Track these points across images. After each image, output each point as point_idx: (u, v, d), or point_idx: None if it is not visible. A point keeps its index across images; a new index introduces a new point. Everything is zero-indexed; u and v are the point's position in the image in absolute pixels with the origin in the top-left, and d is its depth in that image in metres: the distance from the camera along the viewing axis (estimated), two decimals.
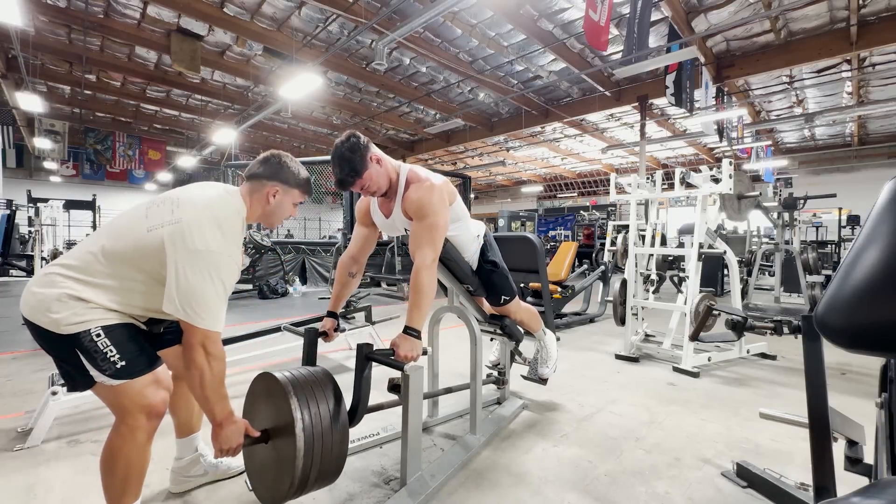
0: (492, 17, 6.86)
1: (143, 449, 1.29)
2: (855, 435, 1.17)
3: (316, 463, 1.23)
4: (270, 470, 1.32)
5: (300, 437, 1.21)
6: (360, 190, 1.61)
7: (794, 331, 1.67)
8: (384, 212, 1.77)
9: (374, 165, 1.58)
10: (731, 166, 3.19)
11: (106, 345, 1.22)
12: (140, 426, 1.27)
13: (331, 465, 1.28)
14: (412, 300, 1.53)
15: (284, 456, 1.25)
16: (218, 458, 1.28)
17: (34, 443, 1.95)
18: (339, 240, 8.10)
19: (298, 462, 1.20)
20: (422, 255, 1.54)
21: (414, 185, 1.64)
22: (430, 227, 1.58)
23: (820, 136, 13.91)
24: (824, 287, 4.76)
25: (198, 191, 1.35)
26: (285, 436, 1.26)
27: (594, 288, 5.57)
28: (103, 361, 1.22)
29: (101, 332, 1.22)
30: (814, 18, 6.76)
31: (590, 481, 1.73)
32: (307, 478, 1.23)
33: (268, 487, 1.33)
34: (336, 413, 1.32)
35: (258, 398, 1.43)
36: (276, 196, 1.42)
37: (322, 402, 1.29)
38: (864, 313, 0.52)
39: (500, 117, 12.39)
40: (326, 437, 1.26)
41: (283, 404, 1.27)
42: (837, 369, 3.28)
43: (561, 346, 3.92)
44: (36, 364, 3.18)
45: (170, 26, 7.44)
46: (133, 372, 1.26)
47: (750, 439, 2.11)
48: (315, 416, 1.26)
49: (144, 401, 1.28)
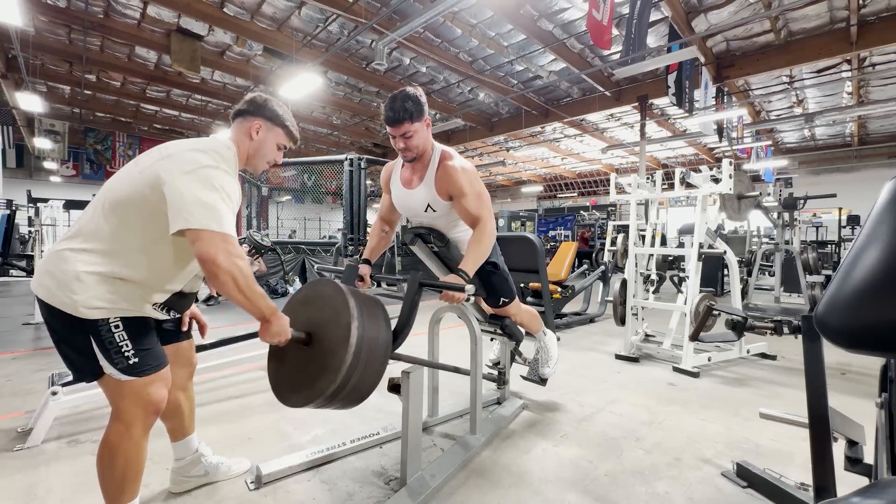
0: (492, 17, 6.86)
1: (139, 445, 1.28)
2: (855, 435, 1.17)
3: (358, 371, 1.21)
4: (304, 371, 1.28)
5: (354, 337, 1.19)
6: (401, 136, 1.63)
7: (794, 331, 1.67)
8: (406, 184, 1.80)
9: (423, 125, 1.66)
10: (731, 166, 3.19)
11: (123, 338, 1.22)
12: (137, 422, 1.27)
13: (369, 378, 1.26)
14: (471, 251, 1.65)
15: (327, 357, 1.23)
16: (268, 340, 1.25)
17: (34, 443, 1.95)
18: (339, 240, 8.10)
19: (346, 362, 1.17)
20: (483, 219, 1.69)
21: (450, 161, 1.71)
22: (478, 194, 1.71)
23: (820, 136, 13.91)
24: (824, 287, 4.76)
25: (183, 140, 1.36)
26: (333, 338, 1.24)
27: (594, 288, 5.57)
28: (117, 354, 1.22)
29: (121, 323, 1.22)
30: (814, 18, 6.76)
31: (590, 481, 1.73)
32: (346, 383, 1.19)
33: (294, 389, 1.28)
34: (385, 331, 1.31)
35: (309, 301, 1.39)
36: (259, 133, 1.41)
37: (371, 321, 1.28)
38: (864, 313, 0.52)
39: (500, 117, 12.39)
40: (373, 349, 1.25)
41: (341, 308, 1.25)
42: (837, 369, 3.28)
43: (561, 346, 3.92)
44: (36, 364, 3.19)
45: (170, 26, 7.44)
46: (144, 369, 1.26)
47: (750, 439, 2.11)
48: (369, 331, 1.25)
49: (147, 398, 1.27)
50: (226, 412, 2.37)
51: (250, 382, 2.80)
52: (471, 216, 1.70)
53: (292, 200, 18.70)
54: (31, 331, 4.29)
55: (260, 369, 3.04)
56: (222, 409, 2.41)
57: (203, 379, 2.82)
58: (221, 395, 2.60)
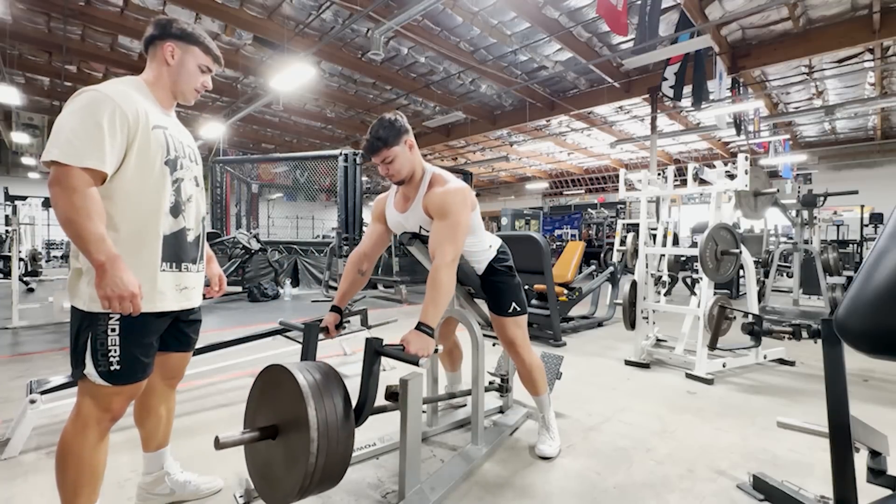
0: (494, 5, 6.86)
1: (94, 448, 1.30)
2: (878, 445, 1.17)
3: (322, 463, 1.23)
4: (278, 468, 1.31)
5: (314, 433, 1.20)
6: (381, 162, 1.68)
7: (813, 335, 1.67)
8: (400, 209, 1.84)
9: (404, 148, 1.69)
10: (747, 161, 3.19)
11: (115, 343, 1.25)
12: (93, 424, 1.29)
13: (336, 466, 1.28)
14: (428, 297, 1.56)
15: (295, 453, 1.25)
16: (105, 307, 1.18)
17: (12, 454, 1.95)
18: (333, 239, 8.10)
19: (311, 459, 1.19)
20: (442, 253, 1.59)
21: (438, 185, 1.73)
22: (453, 225, 1.64)
23: (841, 129, 13.91)
24: (845, 289, 4.75)
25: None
26: (296, 432, 1.25)
27: (603, 290, 5.57)
28: (102, 356, 1.24)
29: (119, 324, 1.25)
30: (834, 5, 6.76)
31: (598, 494, 1.73)
32: (314, 478, 1.22)
33: (272, 487, 1.32)
34: (345, 411, 1.31)
35: (267, 390, 1.41)
36: (174, 55, 1.38)
37: (329, 400, 1.29)
38: (887, 317, 0.52)
39: (504, 110, 12.40)
40: (333, 436, 1.25)
41: (296, 399, 1.26)
42: (859, 376, 3.28)
43: (567, 352, 3.93)
44: (14, 371, 3.19)
45: (155, 14, 7.45)
46: (121, 380, 1.28)
47: (767, 450, 2.11)
48: (329, 413, 1.26)
49: (109, 405, 1.30)
50: (214, 421, 2.37)
51: (239, 390, 2.80)
52: (433, 242, 1.64)
53: (284, 198, 18.73)
54: (9, 335, 4.29)
55: (250, 376, 3.04)
56: (210, 417, 2.41)
57: (190, 386, 2.83)
58: (209, 404, 2.60)
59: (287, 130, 14.75)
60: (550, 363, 2.58)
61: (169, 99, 1.42)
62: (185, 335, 1.54)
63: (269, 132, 15.09)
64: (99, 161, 1.17)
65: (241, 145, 16.84)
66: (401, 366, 3.29)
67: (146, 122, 1.28)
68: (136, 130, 1.25)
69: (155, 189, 1.31)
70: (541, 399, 2.11)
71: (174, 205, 1.36)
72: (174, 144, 1.37)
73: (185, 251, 1.41)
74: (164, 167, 1.33)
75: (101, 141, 1.17)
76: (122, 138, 1.23)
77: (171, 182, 1.35)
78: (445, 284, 1.56)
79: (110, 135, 1.19)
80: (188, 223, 1.42)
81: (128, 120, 1.23)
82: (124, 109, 1.22)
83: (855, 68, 8.86)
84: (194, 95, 1.47)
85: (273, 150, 17.04)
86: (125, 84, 1.31)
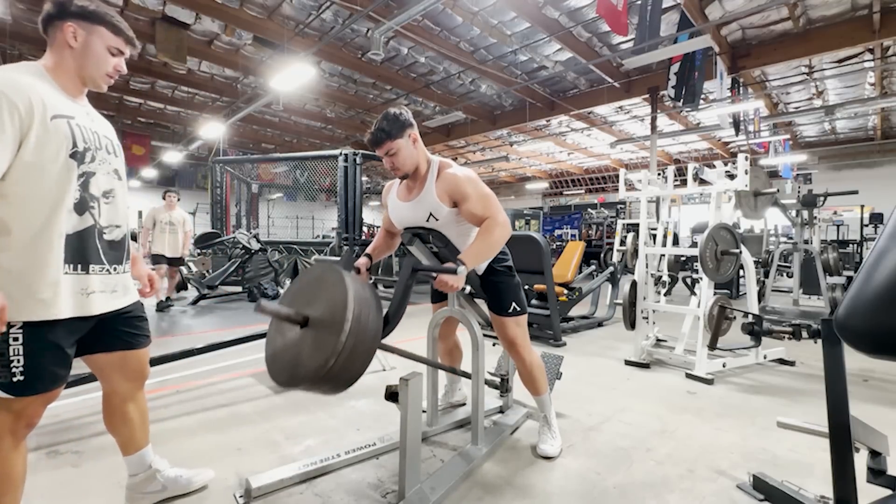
0: (494, 5, 6.86)
1: (7, 457, 1.22)
2: (878, 445, 1.17)
3: (351, 346, 1.24)
4: (304, 351, 1.32)
5: (350, 314, 1.22)
6: (385, 154, 1.73)
7: (813, 335, 1.67)
8: (403, 198, 1.86)
9: (408, 141, 1.74)
10: (747, 161, 3.19)
11: (18, 352, 1.15)
12: (6, 434, 1.21)
13: (359, 360, 1.28)
14: (477, 243, 1.66)
15: (324, 337, 1.26)
16: None
17: None
18: (333, 239, 8.10)
19: (342, 338, 1.20)
20: (493, 216, 1.70)
21: (449, 169, 1.78)
22: (483, 196, 1.72)
23: (841, 129, 13.91)
24: (845, 289, 4.76)
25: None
26: (330, 321, 1.27)
27: (603, 290, 5.57)
28: (3, 368, 1.15)
29: (21, 333, 1.15)
30: (834, 5, 6.76)
31: (598, 494, 1.73)
32: (339, 359, 1.22)
33: (287, 369, 1.33)
34: (377, 314, 1.34)
35: (311, 283, 1.44)
36: (76, 37, 1.24)
37: (366, 301, 1.31)
38: (887, 317, 0.52)
39: (504, 110, 12.40)
40: (364, 328, 1.27)
41: (339, 288, 1.29)
42: (859, 376, 3.28)
43: (567, 352, 3.93)
44: None
45: (154, 14, 7.44)
46: (28, 391, 1.19)
47: (767, 450, 2.11)
48: (364, 308, 1.28)
49: (21, 416, 1.22)
50: (213, 421, 2.37)
51: (239, 390, 2.80)
52: (478, 217, 1.72)
53: (284, 198, 18.72)
54: None
55: (249, 376, 3.04)
56: (210, 417, 2.41)
57: (190, 386, 2.83)
58: (209, 404, 2.60)
59: (287, 130, 14.75)
60: (550, 363, 2.58)
61: (76, 85, 1.30)
62: (126, 332, 1.43)
63: (269, 132, 15.09)
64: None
65: (241, 145, 16.83)
66: (401, 366, 3.29)
67: (43, 111, 1.15)
68: (29, 122, 1.13)
69: (56, 184, 1.18)
70: (541, 398, 2.11)
71: (79, 201, 1.24)
72: (83, 135, 1.25)
73: (92, 252, 1.28)
74: (69, 160, 1.20)
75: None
76: (13, 131, 1.10)
77: (76, 176, 1.22)
78: (496, 242, 1.67)
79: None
80: (101, 221, 1.30)
81: (17, 110, 1.10)
82: (13, 99, 1.10)
83: (855, 68, 8.86)
84: (106, 81, 1.34)
85: (273, 150, 17.04)
86: (17, 71, 1.19)
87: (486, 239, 1.66)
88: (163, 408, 2.51)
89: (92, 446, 2.02)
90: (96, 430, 2.13)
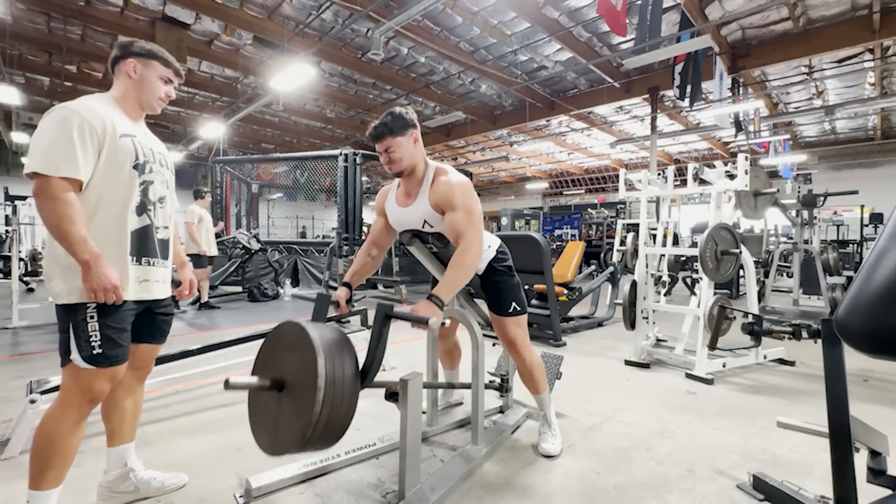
0: (494, 5, 6.86)
1: (70, 431, 1.37)
2: (878, 445, 1.17)
3: (327, 415, 1.24)
4: (282, 418, 1.32)
5: (321, 382, 1.21)
6: (383, 151, 1.73)
7: (813, 335, 1.67)
8: (401, 203, 1.85)
9: (409, 140, 1.74)
10: (747, 161, 3.19)
11: (95, 328, 1.35)
12: (73, 408, 1.37)
13: (339, 422, 1.29)
14: (449, 275, 1.59)
15: (300, 404, 1.26)
16: (91, 299, 1.32)
17: (12, 454, 1.95)
18: (333, 240, 8.10)
19: (317, 408, 1.20)
20: (467, 240, 1.64)
21: (444, 177, 1.76)
22: (469, 212, 1.69)
23: (841, 129, 13.92)
24: (845, 289, 4.75)
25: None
26: (304, 384, 1.26)
27: (603, 290, 5.57)
28: (85, 342, 1.34)
29: (96, 313, 1.35)
30: (834, 5, 6.76)
31: (598, 494, 1.73)
32: (317, 428, 1.23)
33: (274, 437, 1.33)
34: (353, 371, 1.33)
35: (278, 345, 1.43)
36: (135, 70, 1.52)
37: (339, 357, 1.30)
38: (887, 317, 0.52)
39: (504, 110, 12.40)
40: (339, 391, 1.26)
41: (307, 352, 1.28)
42: (859, 376, 3.28)
43: (567, 352, 3.93)
44: (14, 370, 3.19)
45: (154, 14, 7.45)
46: (103, 362, 1.37)
47: (767, 450, 2.11)
48: (337, 368, 1.27)
49: (89, 387, 1.38)
50: (213, 421, 2.37)
51: (239, 390, 2.79)
52: (455, 232, 1.67)
53: (284, 198, 18.73)
54: (9, 335, 4.29)
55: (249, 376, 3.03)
56: (210, 417, 2.42)
57: (190, 386, 2.83)
58: (210, 403, 2.60)
59: (287, 130, 14.75)
60: (550, 363, 2.58)
61: (136, 110, 1.55)
62: (156, 327, 1.62)
63: (269, 132, 15.09)
64: (73, 170, 1.31)
65: (241, 145, 16.83)
66: (401, 366, 3.29)
67: (113, 131, 1.40)
68: (103, 139, 1.38)
69: (123, 190, 1.43)
70: (541, 397, 2.11)
71: (140, 204, 1.48)
72: (142, 151, 1.49)
73: (148, 247, 1.51)
74: (132, 171, 1.45)
75: (74, 152, 1.31)
76: (93, 147, 1.36)
77: (138, 184, 1.47)
78: (470, 266, 1.61)
79: (81, 146, 1.32)
80: (156, 221, 1.54)
81: (95, 131, 1.36)
82: (91, 122, 1.35)
83: (855, 68, 8.86)
84: (160, 104, 1.59)
85: (273, 150, 17.04)
86: (92, 100, 1.44)
87: (458, 269, 1.59)
88: (163, 408, 2.52)
89: (92, 446, 2.02)
90: (96, 430, 2.12)
